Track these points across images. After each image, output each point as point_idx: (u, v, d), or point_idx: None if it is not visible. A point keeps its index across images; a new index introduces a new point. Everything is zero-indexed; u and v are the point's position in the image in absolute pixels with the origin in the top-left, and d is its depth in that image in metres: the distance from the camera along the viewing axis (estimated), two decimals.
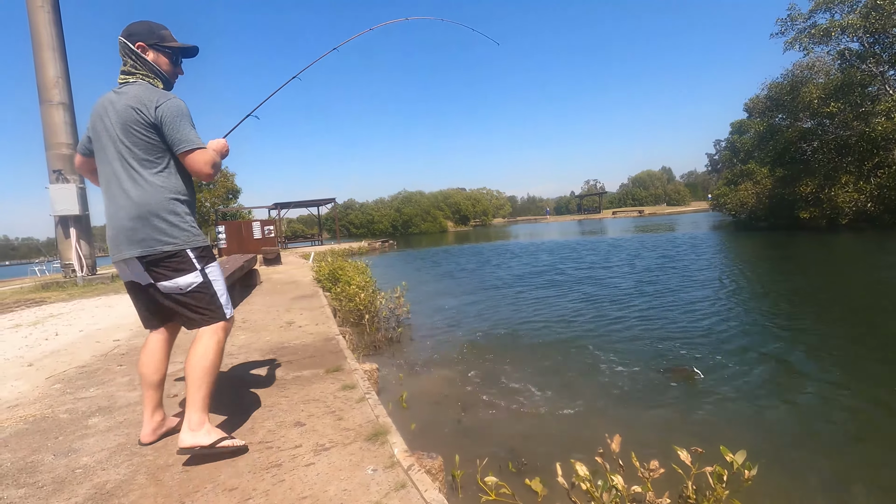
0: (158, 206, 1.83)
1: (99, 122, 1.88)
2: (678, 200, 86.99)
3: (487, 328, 5.93)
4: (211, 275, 1.94)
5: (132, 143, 1.82)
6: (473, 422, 3.24)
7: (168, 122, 1.80)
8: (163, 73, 1.96)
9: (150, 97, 1.82)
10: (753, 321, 5.44)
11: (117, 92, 1.88)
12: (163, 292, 1.89)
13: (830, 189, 18.25)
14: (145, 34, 1.92)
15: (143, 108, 1.80)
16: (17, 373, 3.36)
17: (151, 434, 2.03)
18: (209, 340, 1.91)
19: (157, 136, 1.83)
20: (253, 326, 4.43)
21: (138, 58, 1.91)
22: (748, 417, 3.13)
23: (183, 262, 1.86)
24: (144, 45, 1.92)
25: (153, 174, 1.85)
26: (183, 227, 1.87)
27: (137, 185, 1.83)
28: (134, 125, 1.80)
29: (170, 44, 1.97)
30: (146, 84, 1.89)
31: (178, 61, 2.04)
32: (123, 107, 1.81)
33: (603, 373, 4.06)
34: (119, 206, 1.84)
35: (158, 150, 1.85)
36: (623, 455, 1.88)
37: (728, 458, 1.67)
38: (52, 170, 9.97)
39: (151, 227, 1.82)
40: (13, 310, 6.80)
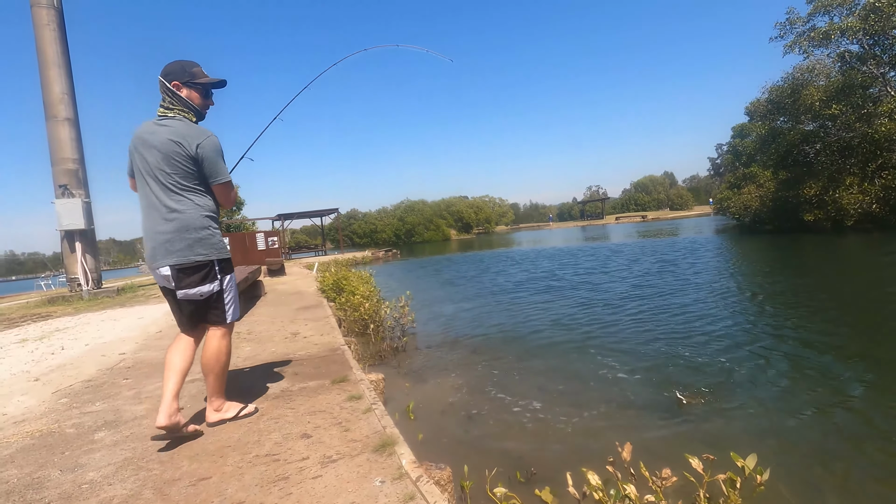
0: (193, 223, 2.12)
1: (138, 149, 2.15)
2: (681, 205, 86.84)
3: (492, 336, 5.90)
4: (227, 284, 2.26)
5: (172, 170, 2.10)
6: (481, 431, 3.21)
7: (208, 158, 2.13)
8: (195, 107, 2.24)
9: (191, 134, 2.11)
10: (762, 325, 5.39)
11: (158, 124, 2.15)
12: (179, 297, 2.16)
13: (835, 191, 18.16)
14: (179, 73, 2.18)
15: (184, 143, 2.09)
16: (24, 388, 3.36)
17: (167, 419, 2.09)
18: (219, 343, 2.24)
19: (194, 166, 2.13)
20: (258, 338, 4.42)
21: (174, 95, 2.18)
22: (758, 423, 3.09)
23: (209, 272, 2.17)
24: (179, 84, 2.18)
25: (189, 195, 2.14)
26: (212, 242, 2.18)
27: (175, 204, 2.11)
28: (175, 156, 2.09)
29: (200, 80, 2.23)
30: (185, 120, 2.18)
31: (209, 94, 2.31)
32: (165, 140, 2.09)
33: (609, 380, 4.03)
34: (157, 222, 2.12)
35: (194, 178, 2.15)
36: (634, 463, 1.85)
37: (739, 463, 1.64)
38: (58, 185, 10.05)
39: (186, 241, 2.11)
40: (19, 325, 6.82)
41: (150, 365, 3.75)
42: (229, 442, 2.13)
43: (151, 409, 2.67)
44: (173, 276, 2.12)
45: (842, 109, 18.09)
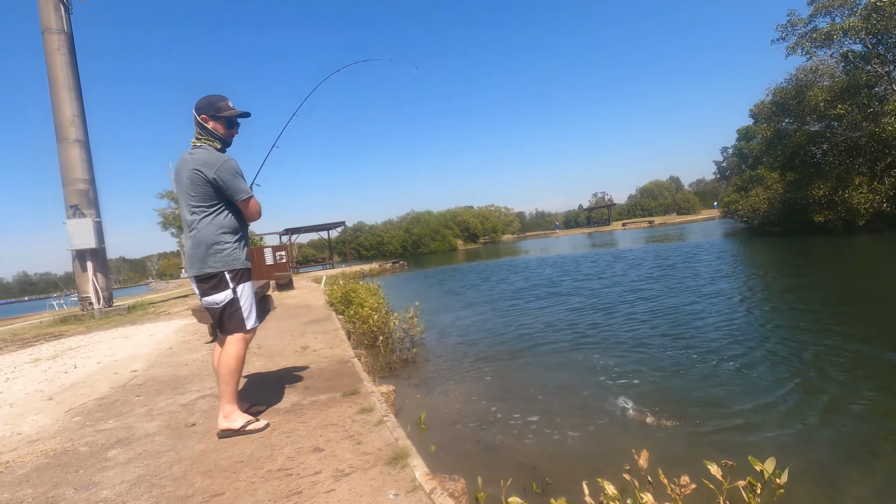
0: (206, 239, 2.36)
1: (178, 175, 2.45)
2: (688, 209, 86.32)
3: (501, 344, 5.87)
4: (241, 293, 2.43)
5: (195, 193, 2.37)
6: (494, 441, 3.18)
7: (226, 181, 2.36)
8: (220, 137, 2.48)
9: (210, 161, 2.35)
10: (775, 327, 5.32)
11: (190, 153, 2.42)
12: (204, 304, 2.43)
13: (844, 191, 17.98)
14: (206, 108, 2.45)
15: (204, 170, 2.33)
16: (38, 407, 3.39)
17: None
18: (231, 348, 2.38)
19: (212, 189, 2.37)
20: (268, 352, 4.43)
21: (202, 127, 2.45)
22: (773, 427, 3.03)
23: (220, 282, 2.38)
24: (206, 117, 2.45)
25: (206, 215, 2.38)
26: (222, 255, 2.38)
27: (197, 223, 2.38)
28: (197, 182, 2.35)
29: (224, 113, 2.47)
30: (209, 149, 2.42)
31: (233, 124, 2.55)
32: (190, 168, 2.36)
33: (620, 387, 3.98)
34: (186, 238, 2.44)
35: (213, 199, 2.39)
36: (651, 471, 1.82)
37: (758, 467, 1.60)
38: (70, 205, 10.20)
39: (201, 255, 2.36)
40: (33, 344, 6.89)
41: (162, 381, 3.76)
42: (242, 457, 2.13)
43: (164, 426, 2.68)
44: (196, 285, 2.41)
45: (847, 109, 17.98)
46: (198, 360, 4.44)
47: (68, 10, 10.56)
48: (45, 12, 10.25)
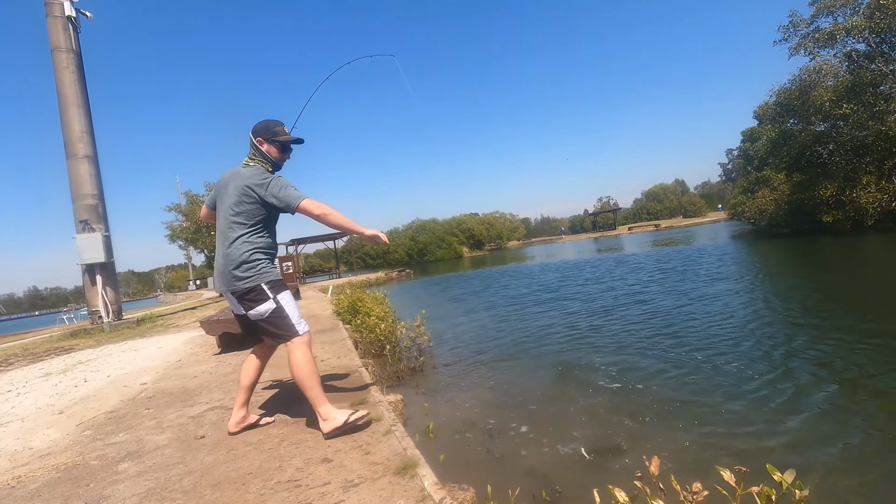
0: (242, 258, 2.38)
1: (223, 188, 2.52)
2: (694, 212, 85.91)
3: (508, 352, 5.84)
4: (282, 301, 2.43)
5: (239, 209, 2.42)
6: (503, 450, 3.16)
7: (276, 196, 2.40)
8: (272, 160, 2.56)
9: (263, 180, 2.42)
10: (789, 330, 5.26)
11: (243, 167, 2.51)
12: (252, 318, 2.44)
13: (852, 191, 17.83)
14: (262, 131, 2.55)
15: (256, 189, 2.40)
16: (49, 421, 3.41)
17: (236, 426, 2.59)
18: (297, 355, 2.40)
19: (260, 208, 2.43)
20: (276, 363, 4.44)
21: (256, 149, 2.54)
22: (790, 434, 2.99)
23: (259, 294, 2.39)
24: (262, 140, 2.54)
25: (246, 233, 2.42)
26: (256, 269, 2.40)
27: (234, 239, 2.41)
28: (244, 198, 2.41)
29: (279, 138, 2.56)
30: (260, 168, 2.49)
31: (286, 149, 2.64)
32: (240, 185, 2.42)
33: (627, 392, 3.95)
34: (219, 251, 2.46)
35: (256, 217, 2.44)
36: (662, 478, 1.80)
37: (776, 477, 1.58)
38: (79, 220, 10.33)
39: (233, 271, 2.38)
40: (43, 358, 6.95)
41: (171, 394, 3.78)
42: (251, 469, 2.13)
43: (173, 439, 2.68)
44: (237, 300, 2.43)
45: (853, 108, 17.87)
46: (206, 372, 4.46)
47: (76, 29, 10.76)
48: (53, 32, 10.45)
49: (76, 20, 10.71)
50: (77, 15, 10.71)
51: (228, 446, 2.45)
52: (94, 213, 10.49)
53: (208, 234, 23.16)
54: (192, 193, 23.97)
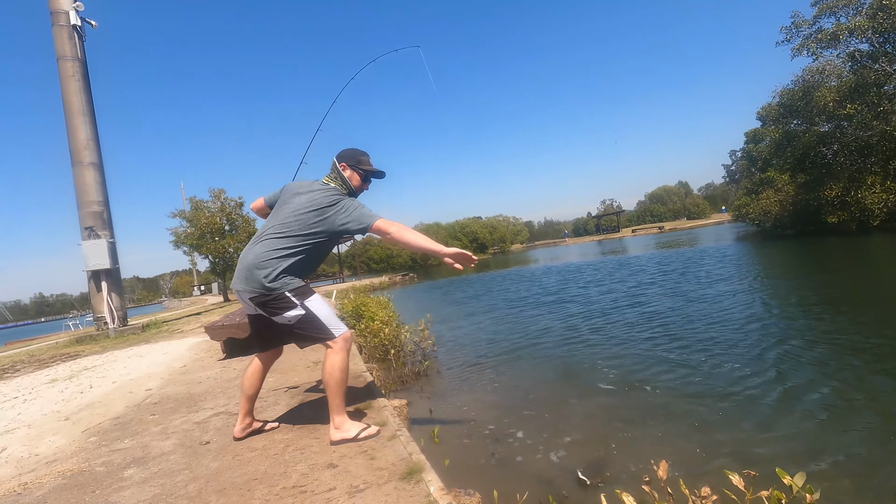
0: (273, 264, 2.28)
1: (290, 195, 2.47)
2: (698, 214, 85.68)
3: (513, 355, 5.83)
4: (311, 306, 2.34)
5: (295, 219, 2.35)
6: (508, 454, 3.14)
7: (351, 214, 2.35)
8: (351, 187, 2.54)
9: (332, 200, 2.36)
10: (796, 331, 5.22)
11: (317, 184, 2.49)
12: (279, 323, 2.37)
13: (857, 191, 17.74)
14: (348, 158, 2.55)
15: (324, 207, 2.35)
16: (55, 427, 3.42)
17: (241, 432, 2.58)
18: (332, 359, 2.33)
19: (320, 226, 2.35)
20: (280, 368, 4.44)
21: (338, 173, 2.52)
22: (799, 436, 2.96)
23: (284, 301, 2.31)
24: (346, 165, 2.53)
25: (290, 245, 2.33)
26: (281, 280, 2.29)
27: (275, 246, 2.31)
28: (309, 214, 2.34)
29: (363, 167, 2.56)
30: (337, 190, 2.46)
31: (367, 180, 2.63)
32: (313, 199, 2.38)
33: (635, 395, 3.92)
34: (253, 252, 2.34)
35: (309, 235, 2.35)
36: (671, 482, 1.78)
37: (786, 480, 1.56)
38: (84, 227, 10.40)
39: (258, 272, 2.28)
40: (49, 365, 6.97)
41: (176, 400, 3.78)
42: (256, 475, 2.12)
43: (178, 445, 2.68)
44: (256, 304, 2.35)
45: (857, 109, 17.81)
46: (211, 378, 4.46)
47: (82, 37, 10.86)
48: (59, 40, 10.56)
49: (81, 29, 10.82)
50: (82, 24, 10.82)
51: (233, 452, 2.45)
52: (99, 219, 10.55)
53: (212, 240, 23.26)
54: (197, 199, 24.10)
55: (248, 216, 25.08)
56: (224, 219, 24.02)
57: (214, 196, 24.30)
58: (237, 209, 24.63)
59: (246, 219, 24.92)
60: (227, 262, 24.61)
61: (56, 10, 10.56)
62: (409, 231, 2.34)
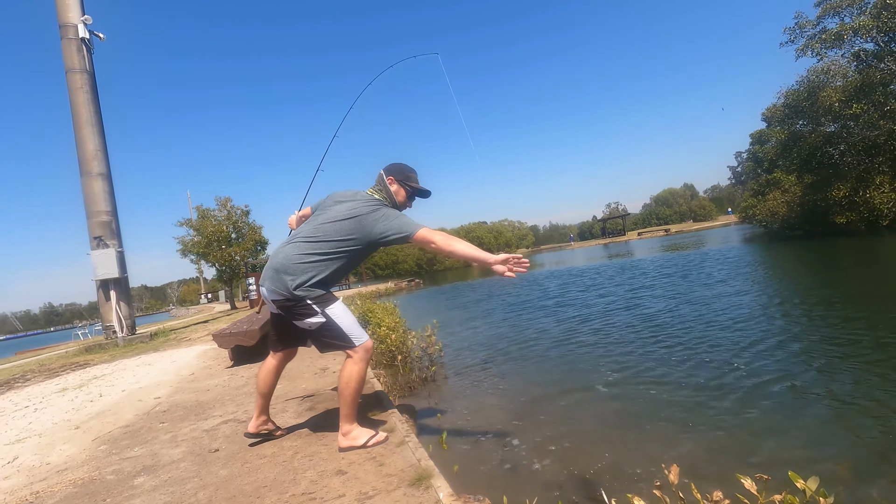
0: (301, 272, 2.27)
1: (331, 202, 2.47)
2: (704, 216, 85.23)
3: (522, 360, 5.80)
4: (332, 314, 2.32)
5: (332, 225, 2.34)
6: (518, 459, 3.12)
7: (391, 222, 2.32)
8: (395, 201, 2.53)
9: (373, 209, 2.36)
10: (810, 331, 5.17)
11: (361, 193, 2.49)
12: (300, 327, 2.38)
13: (865, 191, 17.59)
14: (396, 172, 2.55)
15: (365, 216, 2.33)
16: (66, 436, 3.44)
17: (254, 428, 2.62)
18: (350, 368, 2.33)
19: (356, 234, 2.33)
20: (288, 375, 4.45)
21: (385, 186, 2.51)
22: (811, 439, 2.93)
23: (305, 308, 2.30)
24: (393, 179, 2.53)
25: (324, 251, 2.31)
26: (304, 287, 2.27)
27: (309, 251, 2.31)
28: (350, 222, 2.33)
29: (410, 183, 2.57)
30: (380, 201, 2.45)
31: (412, 198, 2.63)
32: (354, 207, 2.37)
33: (643, 398, 3.89)
34: (284, 253, 2.35)
35: (340, 241, 2.33)
36: (682, 486, 1.77)
37: (799, 484, 1.55)
38: (93, 237, 10.50)
39: (283, 279, 2.27)
40: (59, 374, 7.03)
41: (185, 408, 3.80)
42: (265, 482, 2.13)
43: (188, 452, 2.69)
44: (278, 307, 2.35)
45: (863, 108, 17.69)
46: (219, 386, 4.48)
47: (90, 50, 11.02)
48: (68, 53, 10.72)
49: (89, 42, 10.98)
50: (90, 37, 10.98)
51: (243, 459, 2.45)
52: (107, 229, 10.66)
53: (219, 248, 23.39)
54: (203, 208, 24.26)
55: (255, 224, 25.24)
56: (230, 227, 24.16)
57: (221, 204, 24.47)
58: (243, 217, 24.78)
59: (252, 226, 25.06)
60: (234, 270, 24.73)
61: (65, 24, 10.73)
62: (455, 240, 2.30)
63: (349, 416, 2.38)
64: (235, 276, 25.68)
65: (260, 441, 2.65)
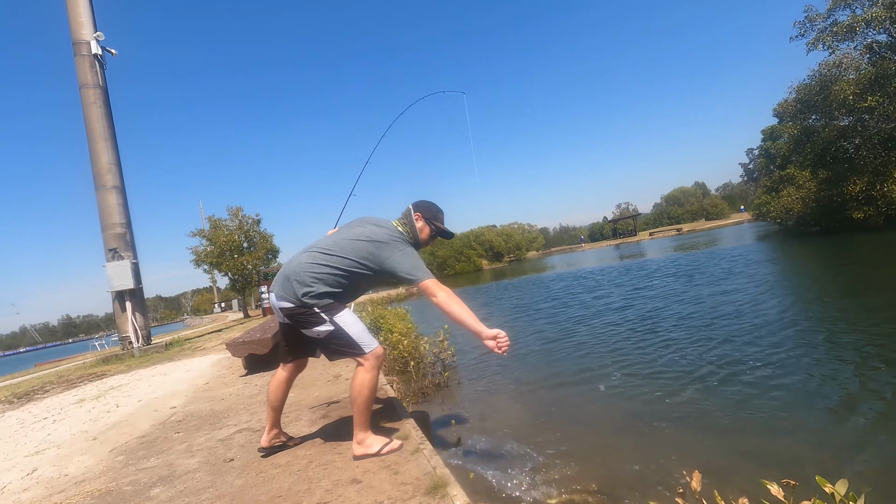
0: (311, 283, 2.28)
1: (357, 223, 2.52)
2: (716, 214, 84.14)
3: (535, 363, 5.75)
4: (341, 321, 2.32)
5: (350, 243, 2.36)
6: (534, 466, 3.08)
7: (405, 260, 2.33)
8: (418, 238, 2.55)
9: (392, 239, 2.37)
10: (836, 332, 5.05)
11: (388, 223, 2.51)
12: (308, 336, 2.39)
13: (882, 185, 17.23)
14: (425, 210, 2.60)
15: (382, 245, 2.34)
16: (83, 447, 3.47)
17: (267, 442, 2.60)
18: (362, 377, 2.32)
19: (369, 259, 2.34)
20: (301, 383, 4.45)
21: (411, 221, 2.55)
22: (839, 441, 2.85)
23: (312, 316, 2.31)
24: (420, 217, 2.57)
25: (337, 266, 2.33)
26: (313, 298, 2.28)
27: (318, 259, 2.33)
28: (369, 245, 2.34)
29: (436, 223, 2.60)
30: (403, 234, 2.47)
31: (434, 237, 2.64)
32: (376, 232, 2.39)
33: (661, 404, 3.82)
34: (297, 261, 2.37)
35: (353, 261, 2.34)
36: (705, 493, 1.72)
37: (827, 489, 1.49)
38: (108, 249, 10.65)
39: (294, 288, 2.29)
40: (77, 385, 7.11)
41: (200, 417, 3.81)
42: (280, 492, 2.12)
43: (203, 462, 2.70)
44: (286, 314, 2.36)
45: (878, 101, 17.36)
46: (234, 395, 4.50)
47: (103, 66, 11.23)
48: (81, 69, 10.93)
49: (102, 58, 11.18)
50: (103, 53, 11.18)
51: (257, 469, 2.45)
52: (122, 241, 10.80)
53: (231, 258, 23.63)
54: (216, 218, 24.53)
55: (266, 232, 25.46)
56: (242, 236, 24.40)
57: (232, 214, 24.73)
58: (254, 226, 25.02)
59: (263, 235, 25.28)
60: (247, 279, 24.95)
61: (78, 41, 10.94)
62: (456, 302, 2.30)
63: (363, 424, 2.37)
64: (248, 285, 25.90)
65: (271, 452, 2.64)
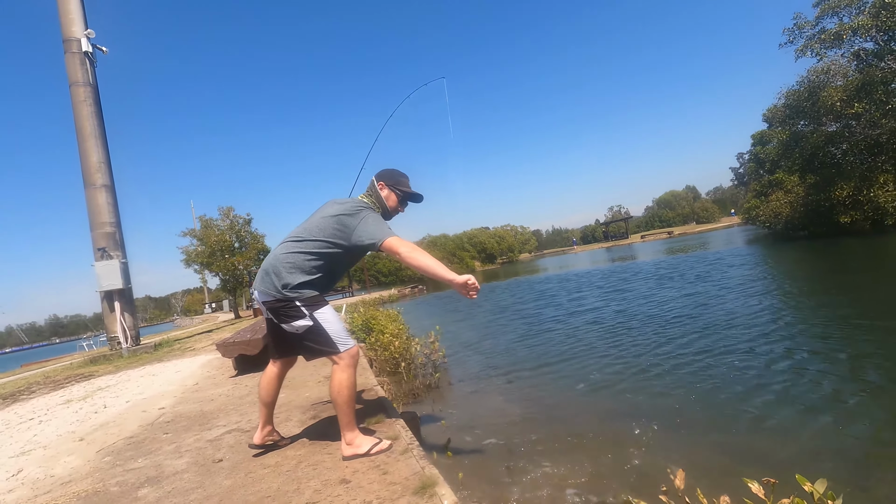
0: (286, 273, 2.27)
1: (323, 206, 2.46)
2: (707, 218, 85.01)
3: (525, 366, 5.78)
4: (320, 317, 2.30)
5: (317, 225, 2.34)
6: (522, 466, 3.10)
7: (366, 227, 2.29)
8: (386, 206, 2.52)
9: (354, 210, 2.34)
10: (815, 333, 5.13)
11: (354, 199, 2.48)
12: (287, 331, 2.35)
13: (869, 190, 17.52)
14: (387, 177, 2.55)
15: (347, 215, 2.31)
16: (70, 448, 3.44)
17: (260, 439, 2.58)
18: (339, 377, 2.31)
19: (338, 236, 2.31)
20: (291, 383, 4.44)
21: (375, 191, 2.52)
22: (818, 442, 2.90)
23: (293, 309, 2.28)
24: (383, 184, 2.52)
25: (310, 250, 2.31)
26: (292, 287, 2.27)
27: (296, 250, 2.32)
28: (334, 222, 2.31)
29: (401, 187, 2.55)
30: (365, 203, 2.43)
31: (404, 202, 2.60)
32: (342, 208, 2.35)
33: (647, 404, 3.87)
34: (274, 255, 2.37)
35: (324, 242, 2.32)
36: (688, 491, 1.75)
37: (807, 487, 1.53)
38: (97, 248, 10.54)
39: (273, 280, 2.28)
40: (64, 386, 7.04)
41: (189, 418, 3.79)
42: (269, 492, 2.12)
43: (192, 463, 2.68)
44: (267, 308, 2.35)
45: (865, 107, 17.65)
46: (223, 395, 4.47)
47: (93, 63, 11.13)
48: (71, 67, 10.83)
49: (92, 55, 11.08)
50: (93, 50, 11.09)
51: (246, 469, 2.44)
52: (111, 240, 10.70)
53: (222, 258, 23.47)
54: (207, 218, 24.36)
55: (257, 233, 25.33)
56: (233, 236, 24.25)
57: (224, 214, 24.57)
58: (245, 226, 24.88)
59: (255, 235, 25.14)
60: (238, 279, 24.79)
61: (68, 38, 10.84)
62: (421, 253, 2.24)
63: (349, 424, 2.36)
64: (239, 285, 25.73)
65: (264, 451, 2.64)
